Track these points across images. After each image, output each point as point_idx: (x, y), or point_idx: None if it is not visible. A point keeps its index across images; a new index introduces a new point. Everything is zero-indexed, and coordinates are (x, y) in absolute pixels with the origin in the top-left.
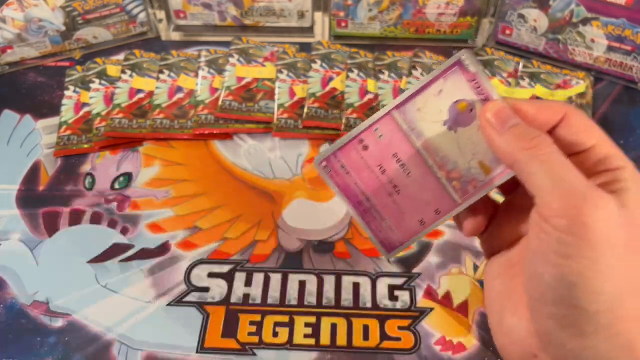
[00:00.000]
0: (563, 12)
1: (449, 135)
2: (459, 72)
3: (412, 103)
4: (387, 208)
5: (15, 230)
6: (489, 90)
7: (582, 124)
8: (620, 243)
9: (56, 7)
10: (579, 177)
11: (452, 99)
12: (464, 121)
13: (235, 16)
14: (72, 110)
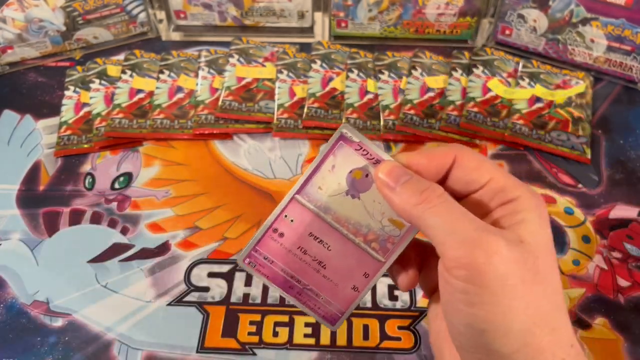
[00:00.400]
0: (563, 13)
1: (354, 203)
2: (344, 145)
3: (312, 184)
4: (318, 284)
5: (15, 230)
6: (378, 154)
7: (473, 162)
8: (518, 281)
9: (57, 7)
10: (472, 222)
11: (346, 171)
12: (363, 187)
13: (235, 16)
14: (73, 111)
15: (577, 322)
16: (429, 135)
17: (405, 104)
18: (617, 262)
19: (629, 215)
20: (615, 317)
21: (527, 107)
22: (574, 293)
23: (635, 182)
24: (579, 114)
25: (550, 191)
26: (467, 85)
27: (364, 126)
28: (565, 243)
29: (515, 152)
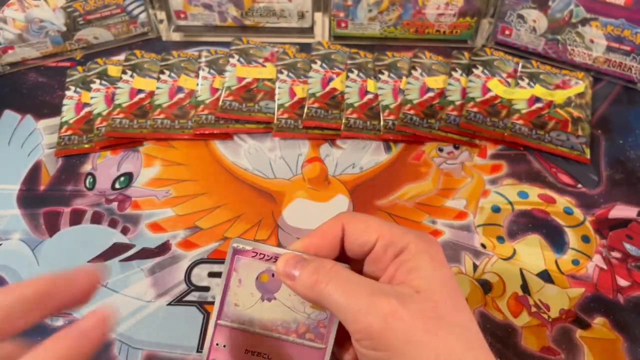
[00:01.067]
0: (562, 13)
1: (273, 305)
2: (241, 258)
3: (227, 304)
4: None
5: (16, 230)
6: (273, 252)
7: (360, 225)
8: (421, 333)
9: (57, 7)
10: (365, 287)
11: (253, 279)
12: (273, 287)
13: (235, 17)
14: (73, 111)
15: (577, 322)
16: (429, 135)
17: (405, 104)
18: (616, 262)
19: (629, 215)
20: (614, 316)
21: (526, 107)
22: (574, 293)
23: (635, 182)
24: (578, 114)
25: (550, 191)
26: (467, 85)
27: (364, 126)
28: (565, 243)
29: (514, 152)
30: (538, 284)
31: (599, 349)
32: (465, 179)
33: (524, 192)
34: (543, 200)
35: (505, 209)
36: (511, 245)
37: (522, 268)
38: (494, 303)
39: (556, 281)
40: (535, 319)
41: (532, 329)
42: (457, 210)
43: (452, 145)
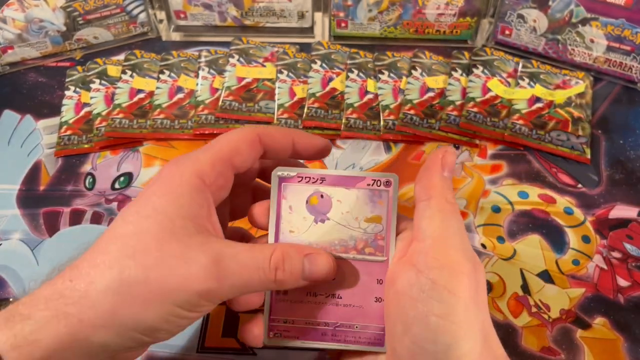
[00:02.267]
0: (562, 13)
1: (328, 226)
2: (288, 185)
3: (282, 233)
4: (346, 316)
5: (15, 230)
6: (319, 173)
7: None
8: None
9: (57, 7)
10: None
11: (303, 204)
12: (325, 208)
13: (235, 17)
14: (73, 111)
15: (577, 322)
16: (429, 135)
17: (405, 104)
18: (616, 262)
19: (629, 215)
20: (615, 317)
21: (526, 107)
22: (574, 293)
23: (635, 182)
24: (578, 114)
25: (550, 191)
26: (467, 85)
27: (364, 126)
28: (565, 243)
29: (515, 152)
30: (538, 284)
31: (599, 349)
32: (465, 179)
33: (524, 192)
34: (543, 200)
35: (506, 209)
36: (511, 245)
37: (522, 268)
38: (494, 303)
39: (556, 281)
40: (535, 319)
41: (532, 329)
42: None
43: (452, 145)
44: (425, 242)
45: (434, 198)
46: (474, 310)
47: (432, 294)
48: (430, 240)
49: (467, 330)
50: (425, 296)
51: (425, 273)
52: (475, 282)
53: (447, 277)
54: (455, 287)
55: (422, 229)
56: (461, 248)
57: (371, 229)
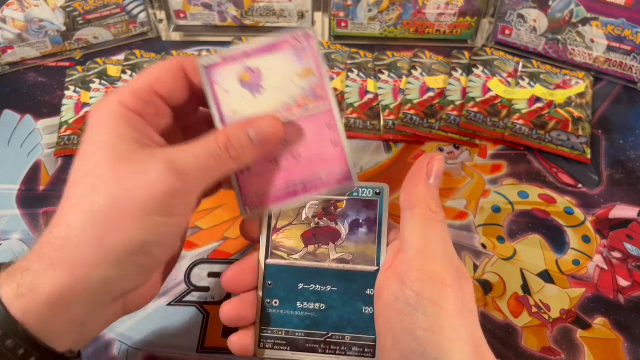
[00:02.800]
0: (563, 13)
1: (265, 95)
2: (215, 71)
3: (226, 116)
4: (309, 170)
5: (15, 230)
6: (240, 50)
7: None
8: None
9: (57, 7)
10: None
11: (236, 83)
12: (257, 79)
13: (235, 16)
14: (73, 111)
15: (577, 322)
16: (429, 135)
17: (405, 104)
18: (617, 262)
19: (629, 215)
20: (615, 317)
21: (527, 107)
22: (574, 293)
23: (636, 182)
24: (579, 114)
25: (551, 191)
26: (467, 85)
27: (364, 126)
28: (565, 243)
29: (515, 152)
30: (538, 284)
31: (599, 349)
32: (465, 179)
33: (524, 192)
34: (543, 200)
35: (506, 209)
36: (512, 246)
37: (522, 268)
38: (495, 303)
39: (557, 281)
40: (535, 319)
41: (532, 330)
42: (457, 210)
43: (452, 145)
44: (409, 253)
45: (417, 207)
46: (461, 322)
47: (418, 307)
48: (413, 252)
49: (455, 343)
50: (410, 309)
51: (409, 286)
52: (461, 293)
53: (431, 290)
54: (440, 300)
55: (406, 239)
56: (444, 259)
57: (307, 83)
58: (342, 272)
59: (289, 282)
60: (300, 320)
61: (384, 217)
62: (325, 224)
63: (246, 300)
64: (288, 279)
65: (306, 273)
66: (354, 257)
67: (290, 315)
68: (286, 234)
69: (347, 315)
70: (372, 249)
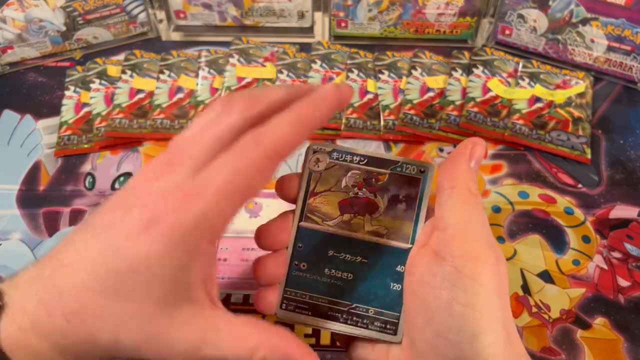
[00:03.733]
0: (562, 13)
1: None
2: None
3: None
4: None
5: (15, 230)
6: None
7: None
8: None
9: (57, 7)
10: (485, 234)
11: None
12: None
13: (235, 16)
14: (73, 111)
15: (577, 322)
16: (429, 135)
17: (405, 104)
18: (617, 262)
19: (629, 215)
20: (615, 317)
21: (527, 107)
22: (574, 293)
23: (636, 182)
24: (579, 114)
25: (550, 191)
26: (467, 85)
27: (364, 126)
28: (565, 243)
29: (515, 152)
30: (538, 284)
31: (599, 349)
32: None
33: (524, 192)
34: (543, 200)
35: (506, 209)
36: (511, 246)
37: (522, 268)
38: None
39: (557, 281)
40: (535, 319)
41: (532, 330)
42: None
43: (452, 145)
44: (448, 231)
45: (457, 187)
46: (498, 302)
47: (456, 282)
48: (454, 230)
49: (491, 322)
50: (449, 284)
51: (449, 261)
52: (498, 274)
53: (472, 266)
54: (479, 276)
55: (445, 218)
56: (485, 239)
57: None
58: (375, 245)
59: (319, 248)
60: (325, 287)
61: (426, 196)
62: (364, 195)
63: (279, 258)
64: (319, 245)
65: (338, 241)
66: (388, 231)
67: (316, 281)
68: (323, 199)
69: (374, 289)
70: (408, 226)
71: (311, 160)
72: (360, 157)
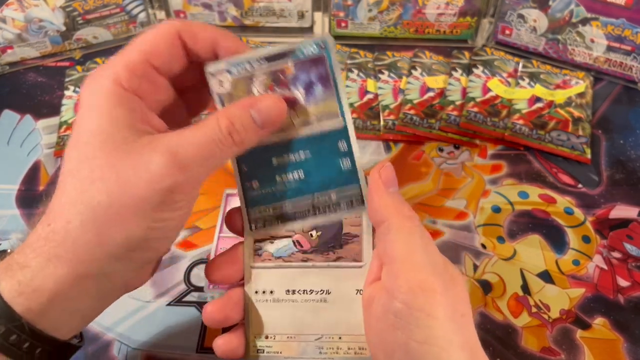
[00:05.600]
0: (563, 13)
1: None
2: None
3: None
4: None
5: (15, 230)
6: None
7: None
8: None
9: (56, 7)
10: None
11: None
12: None
13: (235, 16)
14: (72, 110)
15: (577, 322)
16: (429, 135)
17: (405, 104)
18: (617, 262)
19: (629, 215)
20: (615, 317)
21: (527, 107)
22: (574, 293)
23: (636, 182)
24: (579, 114)
25: (551, 191)
26: (467, 85)
27: (364, 126)
28: (565, 243)
29: (515, 152)
30: (538, 285)
31: (599, 350)
32: (465, 179)
33: (524, 192)
34: (543, 200)
35: (506, 209)
36: (511, 246)
37: (522, 268)
38: (494, 303)
39: (556, 281)
40: (535, 319)
41: (532, 330)
42: (457, 210)
43: (452, 145)
44: (393, 266)
45: (390, 218)
46: (455, 329)
47: (409, 319)
48: (397, 263)
49: (451, 352)
50: (402, 322)
51: (398, 298)
52: (452, 298)
53: (421, 300)
54: (430, 309)
55: (387, 252)
56: (429, 265)
57: None
58: (311, 136)
59: (262, 162)
60: (282, 193)
61: (336, 69)
62: (280, 93)
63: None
64: (261, 158)
65: (277, 148)
66: (317, 117)
67: (272, 192)
68: None
69: (327, 174)
70: (332, 104)
71: (214, 84)
72: (258, 60)
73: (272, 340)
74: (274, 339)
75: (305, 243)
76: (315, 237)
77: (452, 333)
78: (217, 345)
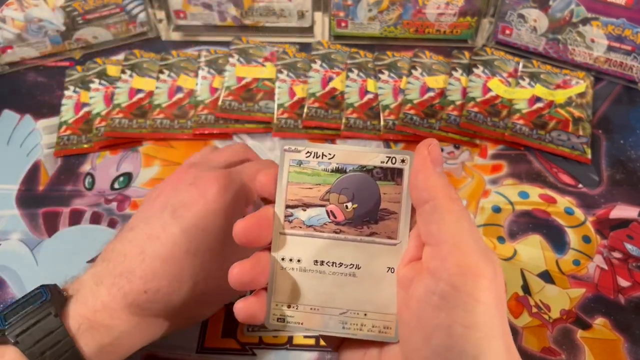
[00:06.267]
0: (563, 12)
1: None
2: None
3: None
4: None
5: (15, 230)
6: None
7: None
8: None
9: (56, 7)
10: (478, 246)
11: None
12: None
13: (235, 16)
14: (72, 110)
15: (578, 323)
16: (429, 135)
17: (405, 104)
18: (617, 262)
19: (630, 215)
20: (615, 317)
21: (527, 107)
22: (574, 293)
23: (636, 182)
24: (579, 113)
25: (551, 191)
26: (467, 85)
27: (364, 126)
28: (566, 243)
29: (515, 152)
30: (539, 285)
31: (599, 350)
32: (465, 179)
33: (524, 192)
34: (544, 200)
35: (506, 209)
36: (512, 246)
37: (522, 268)
38: None
39: (557, 281)
40: (535, 319)
41: (532, 330)
42: None
43: (452, 145)
44: (440, 247)
45: (438, 199)
46: (498, 318)
47: (456, 301)
48: (446, 245)
49: (492, 341)
50: (448, 305)
51: (446, 279)
52: (497, 287)
53: (470, 283)
54: (479, 293)
55: (434, 233)
56: (479, 250)
57: None
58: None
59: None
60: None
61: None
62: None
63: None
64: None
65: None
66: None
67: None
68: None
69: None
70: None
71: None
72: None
73: (295, 310)
74: (296, 309)
75: (339, 214)
76: (351, 210)
77: (495, 323)
78: (237, 308)
